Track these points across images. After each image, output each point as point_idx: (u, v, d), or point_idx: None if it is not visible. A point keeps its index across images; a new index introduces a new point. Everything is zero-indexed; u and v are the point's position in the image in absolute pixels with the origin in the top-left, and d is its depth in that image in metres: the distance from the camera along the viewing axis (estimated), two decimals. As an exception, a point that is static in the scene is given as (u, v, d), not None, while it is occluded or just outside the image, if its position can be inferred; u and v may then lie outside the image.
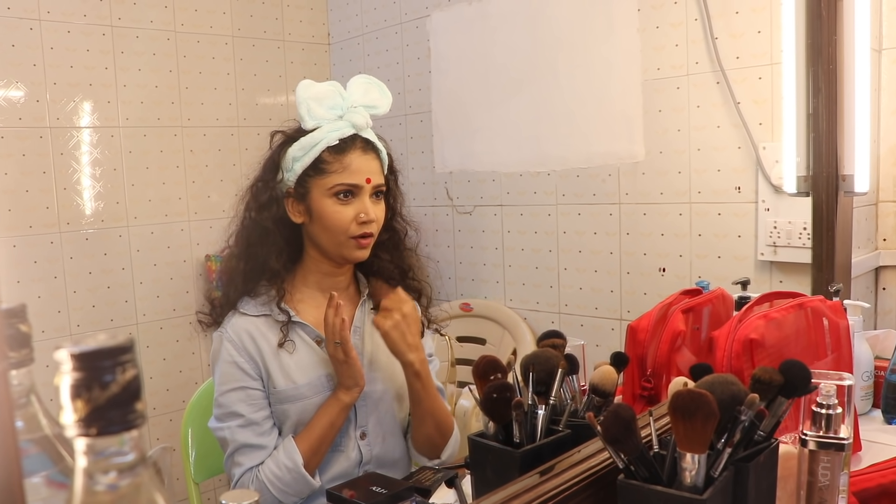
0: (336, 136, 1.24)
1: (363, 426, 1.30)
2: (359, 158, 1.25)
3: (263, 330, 1.27)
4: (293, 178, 1.26)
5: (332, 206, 1.24)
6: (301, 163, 1.24)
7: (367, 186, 1.25)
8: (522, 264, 2.32)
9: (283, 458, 1.22)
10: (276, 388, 1.25)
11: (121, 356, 0.33)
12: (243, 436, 1.24)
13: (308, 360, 1.27)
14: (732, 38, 1.80)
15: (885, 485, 1.02)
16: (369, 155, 1.27)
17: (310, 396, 1.26)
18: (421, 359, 1.26)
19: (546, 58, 2.14)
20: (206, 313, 1.32)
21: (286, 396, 1.25)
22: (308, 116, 1.23)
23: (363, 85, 1.28)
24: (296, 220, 1.27)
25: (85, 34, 2.30)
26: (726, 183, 1.84)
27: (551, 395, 0.97)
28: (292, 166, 1.25)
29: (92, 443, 0.34)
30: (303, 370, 1.26)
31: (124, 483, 0.34)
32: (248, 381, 1.25)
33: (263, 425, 1.25)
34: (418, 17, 2.54)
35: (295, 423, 1.26)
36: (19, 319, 0.47)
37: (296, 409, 1.25)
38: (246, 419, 1.24)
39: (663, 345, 1.15)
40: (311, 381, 1.26)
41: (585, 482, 0.88)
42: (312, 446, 1.23)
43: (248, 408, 1.24)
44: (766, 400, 0.83)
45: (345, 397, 1.23)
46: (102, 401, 0.33)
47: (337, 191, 1.23)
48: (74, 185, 2.30)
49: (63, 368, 0.33)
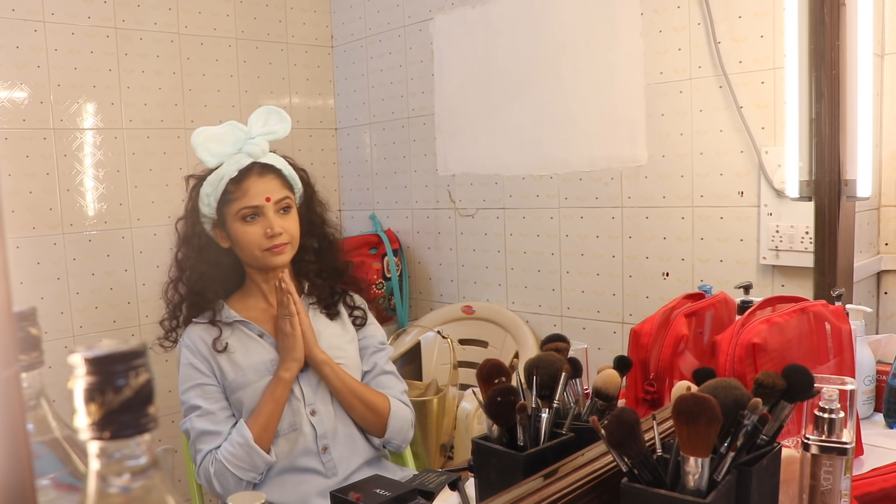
0: (234, 168, 1.42)
1: (311, 404, 1.45)
2: (256, 183, 1.42)
3: (213, 333, 1.46)
4: (212, 211, 1.45)
5: (241, 228, 1.43)
6: (213, 196, 1.43)
7: (269, 204, 1.42)
8: (525, 267, 2.32)
9: (236, 436, 1.38)
10: (227, 379, 1.43)
11: (134, 360, 0.34)
12: (201, 423, 1.41)
13: (252, 351, 1.46)
14: (735, 42, 1.80)
15: (887, 489, 1.03)
16: (267, 177, 1.44)
17: (255, 381, 1.43)
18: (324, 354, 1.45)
19: (549, 61, 2.15)
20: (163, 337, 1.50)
21: (237, 385, 1.43)
22: (208, 156, 1.42)
23: (263, 116, 1.46)
24: (224, 245, 1.48)
25: (89, 36, 2.31)
26: (729, 187, 1.84)
27: (555, 399, 0.98)
28: (208, 201, 1.44)
29: (105, 446, 0.34)
30: (247, 359, 1.45)
31: (137, 485, 0.35)
32: (203, 378, 1.44)
33: (219, 415, 1.42)
34: (422, 20, 2.54)
35: (249, 409, 1.42)
36: (29, 322, 0.48)
37: (246, 394, 1.42)
38: (203, 410, 1.41)
39: (666, 349, 1.15)
40: (255, 367, 1.44)
41: (589, 485, 0.88)
42: (261, 423, 1.39)
43: (204, 401, 1.42)
44: (768, 404, 0.84)
45: (284, 373, 1.41)
46: (116, 405, 0.33)
47: (242, 214, 1.42)
48: (77, 187, 2.30)
49: (77, 372, 0.33)
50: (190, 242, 1.47)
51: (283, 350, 1.43)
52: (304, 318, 1.45)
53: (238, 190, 1.42)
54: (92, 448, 0.34)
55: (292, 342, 1.42)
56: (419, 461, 2.00)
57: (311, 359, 1.45)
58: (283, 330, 1.42)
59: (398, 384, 1.56)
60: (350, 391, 1.47)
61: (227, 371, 1.43)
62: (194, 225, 1.47)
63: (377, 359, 1.56)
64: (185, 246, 1.48)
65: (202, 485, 1.43)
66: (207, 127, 1.44)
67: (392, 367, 1.58)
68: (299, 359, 1.43)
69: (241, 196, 1.42)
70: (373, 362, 1.56)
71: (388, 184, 2.75)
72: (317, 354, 1.45)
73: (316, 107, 2.88)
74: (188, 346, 1.45)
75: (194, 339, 1.46)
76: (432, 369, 2.44)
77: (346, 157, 2.89)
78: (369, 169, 2.82)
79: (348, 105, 2.87)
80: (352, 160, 2.88)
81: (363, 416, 1.48)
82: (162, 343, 1.50)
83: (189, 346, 1.45)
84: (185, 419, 1.44)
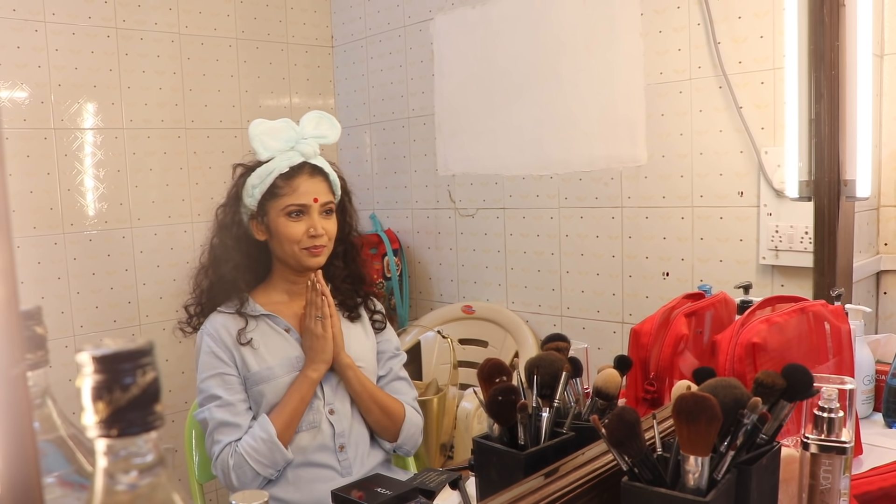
0: (286, 164, 1.44)
1: (331, 403, 1.46)
2: (306, 182, 1.45)
3: (239, 323, 1.45)
4: (254, 203, 1.45)
5: (285, 223, 1.44)
6: (259, 189, 1.44)
7: (315, 205, 1.44)
8: (525, 267, 2.33)
9: (259, 431, 1.38)
10: (250, 371, 1.42)
11: (141, 359, 0.34)
12: (220, 414, 1.40)
13: (278, 345, 1.46)
14: (735, 42, 1.81)
15: (886, 488, 1.03)
16: (316, 178, 1.46)
17: (281, 376, 1.42)
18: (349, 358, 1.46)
19: (549, 61, 2.15)
20: (185, 322, 1.51)
21: (260, 377, 1.42)
22: (262, 149, 1.43)
23: (315, 119, 1.49)
24: (259, 238, 1.48)
25: (89, 36, 2.31)
26: (728, 187, 1.85)
27: (555, 398, 0.98)
28: (252, 192, 1.45)
29: (112, 444, 0.34)
30: (273, 353, 1.44)
31: (144, 483, 0.35)
32: (225, 367, 1.42)
33: (239, 406, 1.41)
34: (422, 21, 2.54)
35: (270, 402, 1.42)
36: (35, 321, 0.48)
37: (270, 388, 1.42)
38: (223, 400, 1.40)
39: (666, 348, 1.16)
40: (281, 362, 1.43)
41: (589, 484, 0.88)
42: (284, 420, 1.39)
43: (224, 391, 1.41)
44: (768, 404, 0.84)
45: (312, 373, 1.42)
46: (123, 403, 0.33)
47: (289, 210, 1.43)
48: (78, 187, 2.31)
49: (84, 371, 0.33)
50: (228, 230, 1.48)
51: (313, 351, 1.43)
52: (337, 322, 1.45)
53: (287, 186, 1.43)
54: (99, 446, 0.35)
55: (323, 344, 1.42)
56: (419, 460, 2.00)
57: (336, 362, 1.45)
58: (314, 331, 1.42)
59: (411, 391, 1.58)
60: (369, 395, 1.47)
61: (251, 363, 1.43)
62: (234, 214, 1.48)
63: (392, 364, 1.58)
64: (223, 233, 1.48)
65: (217, 476, 1.41)
66: (265, 120, 1.45)
67: (405, 374, 1.59)
68: (328, 360, 1.43)
69: (290, 192, 1.43)
70: (388, 367, 1.57)
71: (389, 184, 2.75)
72: (343, 359, 1.45)
73: (316, 107, 2.86)
74: (210, 334, 1.44)
75: (217, 327, 1.44)
76: (432, 369, 2.44)
77: (346, 157, 2.90)
78: (369, 169, 2.82)
79: (348, 105, 2.88)
80: (352, 160, 2.89)
81: (379, 420, 1.49)
82: (183, 328, 1.50)
83: (212, 333, 1.44)
84: (202, 408, 1.43)
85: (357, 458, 1.46)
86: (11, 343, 0.37)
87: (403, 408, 1.52)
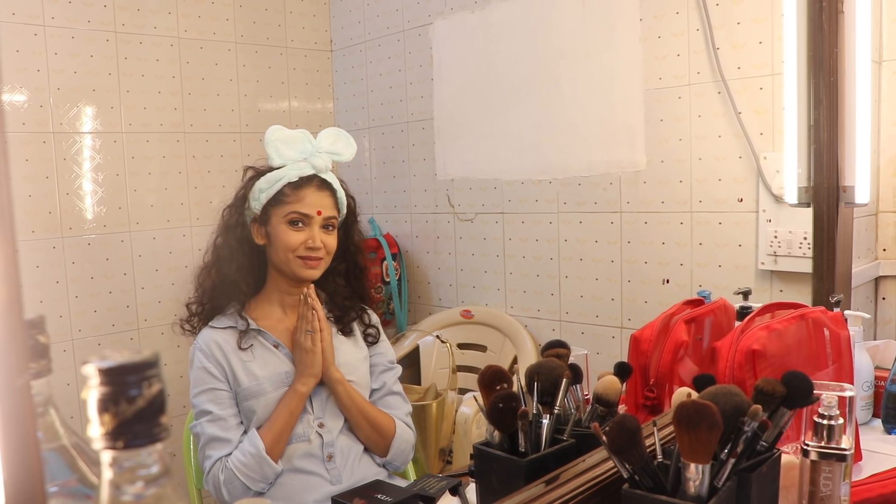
0: (297, 173, 1.46)
1: (320, 417, 1.47)
2: (313, 194, 1.47)
3: (229, 339, 1.46)
4: (258, 207, 1.47)
5: (285, 231, 1.45)
6: (266, 194, 1.46)
7: (318, 218, 1.46)
8: (523, 272, 2.33)
9: (248, 446, 1.39)
10: (241, 386, 1.43)
11: (146, 371, 0.34)
12: (211, 429, 1.41)
13: (268, 361, 1.46)
14: (734, 48, 1.81)
15: (885, 495, 1.03)
16: (324, 192, 1.48)
17: (270, 391, 1.43)
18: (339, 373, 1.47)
19: (548, 66, 2.16)
20: (185, 320, 1.52)
21: (250, 393, 1.43)
22: (276, 155, 1.45)
23: (332, 135, 1.52)
24: (258, 242, 1.49)
25: (89, 40, 2.31)
26: (727, 192, 1.85)
27: (556, 405, 0.98)
28: (258, 196, 1.47)
29: (118, 455, 0.34)
30: (263, 369, 1.45)
31: (149, 493, 0.35)
32: (216, 383, 1.44)
33: (230, 421, 1.43)
34: (421, 25, 2.55)
35: (261, 417, 1.43)
36: (38, 330, 0.48)
37: (259, 403, 1.43)
38: (214, 415, 1.42)
39: (666, 355, 1.16)
40: (271, 377, 1.45)
41: (590, 491, 0.89)
42: (274, 434, 1.40)
43: (215, 406, 1.42)
44: (768, 411, 0.84)
45: (301, 387, 1.43)
46: (129, 415, 0.33)
47: (290, 218, 1.45)
48: (77, 190, 2.31)
49: (90, 383, 0.34)
50: (232, 231, 1.49)
51: (302, 365, 1.44)
52: (327, 337, 1.46)
53: (294, 195, 1.45)
54: (105, 457, 0.35)
55: (312, 358, 1.43)
56: (418, 466, 2.00)
57: (326, 377, 1.45)
58: (304, 345, 1.43)
59: (404, 406, 1.58)
60: (359, 410, 1.48)
61: (242, 378, 1.44)
62: (239, 215, 1.50)
63: (386, 378, 1.57)
64: (227, 233, 1.50)
65: (209, 490, 1.43)
66: (282, 127, 1.47)
67: (399, 388, 1.59)
68: (317, 374, 1.44)
69: (295, 201, 1.45)
70: (382, 381, 1.57)
71: (387, 188, 2.75)
72: (332, 373, 1.46)
73: (315, 111, 2.88)
74: (202, 349, 1.46)
75: (209, 342, 1.46)
76: (431, 373, 2.44)
77: (344, 162, 2.89)
78: (368, 173, 2.82)
79: (347, 109, 2.88)
80: (350, 164, 2.86)
81: (369, 435, 1.49)
82: (182, 325, 1.52)
83: (203, 349, 1.45)
84: (195, 422, 1.44)
85: (346, 467, 1.46)
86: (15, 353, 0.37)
87: (394, 423, 1.52)
